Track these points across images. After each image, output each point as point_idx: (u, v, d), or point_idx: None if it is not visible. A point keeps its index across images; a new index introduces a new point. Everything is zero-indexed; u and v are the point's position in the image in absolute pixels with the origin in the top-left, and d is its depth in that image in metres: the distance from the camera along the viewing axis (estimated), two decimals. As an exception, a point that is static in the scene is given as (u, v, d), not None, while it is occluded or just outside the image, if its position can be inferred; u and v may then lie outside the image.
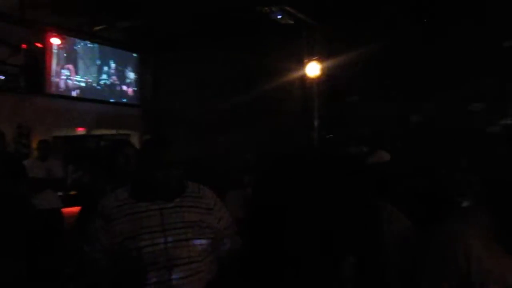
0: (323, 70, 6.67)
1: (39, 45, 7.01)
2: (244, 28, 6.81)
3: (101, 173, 2.92)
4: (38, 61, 7.03)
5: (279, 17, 6.46)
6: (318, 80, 6.72)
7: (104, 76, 8.22)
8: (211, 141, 6.98)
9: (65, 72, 7.49)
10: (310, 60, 6.75)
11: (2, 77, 6.90)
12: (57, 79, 7.35)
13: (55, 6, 6.73)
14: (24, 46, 6.92)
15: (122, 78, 8.57)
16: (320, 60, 6.68)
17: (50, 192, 5.12)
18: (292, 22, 6.52)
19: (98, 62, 8.09)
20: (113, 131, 8.76)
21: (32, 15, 6.59)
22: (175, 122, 7.70)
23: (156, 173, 1.81)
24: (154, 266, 1.73)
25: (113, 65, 8.36)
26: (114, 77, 8.41)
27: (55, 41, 7.12)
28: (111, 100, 8.29)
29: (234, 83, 7.08)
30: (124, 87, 8.64)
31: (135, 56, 8.76)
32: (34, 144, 6.09)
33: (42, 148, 5.43)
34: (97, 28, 7.61)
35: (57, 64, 7.35)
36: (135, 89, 8.79)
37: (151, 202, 1.83)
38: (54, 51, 7.24)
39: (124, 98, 8.59)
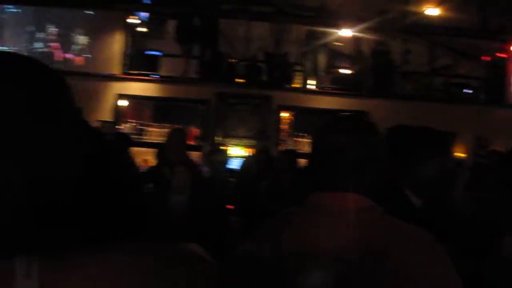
0: None
1: (502, 55, 7.81)
2: None
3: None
4: (501, 72, 7.84)
5: None
6: None
7: None
8: None
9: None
10: None
11: (469, 91, 8.15)
12: (518, 89, 7.86)
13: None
14: (485, 58, 7.95)
15: None
16: None
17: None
18: None
19: None
20: None
21: (495, 26, 7.47)
22: None
23: None
24: None
25: None
26: None
27: (520, 49, 7.63)
28: None
29: None
30: None
31: None
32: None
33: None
34: None
35: (521, 73, 7.85)
36: None
37: None
38: (518, 59, 7.79)
39: None
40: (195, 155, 6.90)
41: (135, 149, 6.83)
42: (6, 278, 0.48)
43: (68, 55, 7.78)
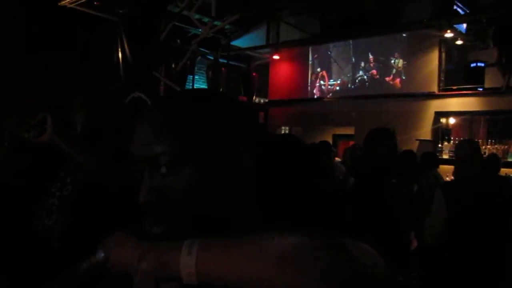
0: None
1: None
2: None
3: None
4: None
5: None
6: None
7: None
8: None
9: None
10: None
11: None
12: None
13: None
14: None
15: None
16: None
17: None
18: None
19: None
20: None
21: None
22: None
23: None
24: None
25: None
26: None
27: None
28: None
29: None
30: None
31: None
32: None
33: None
34: None
35: None
36: None
37: None
38: None
39: None
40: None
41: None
42: (174, 254, 0.64)
43: (387, 79, 8.56)
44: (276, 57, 9.50)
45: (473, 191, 2.88)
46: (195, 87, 9.17)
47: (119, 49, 5.34)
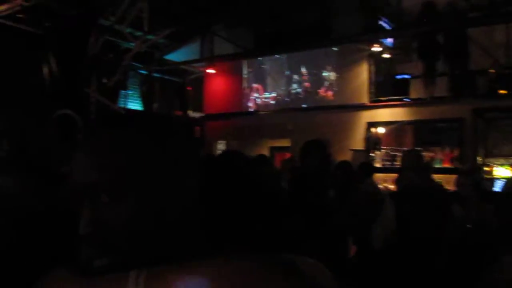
0: None
1: None
2: None
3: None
4: None
5: None
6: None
7: None
8: None
9: None
10: None
11: None
12: None
13: None
14: None
15: None
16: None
17: None
18: None
19: None
20: None
21: None
22: None
23: None
24: None
25: None
26: None
27: None
28: None
29: None
30: None
31: None
32: None
33: None
34: None
35: None
36: None
37: None
38: None
39: None
40: (451, 179, 6.75)
41: (387, 176, 7.18)
42: (121, 285, 0.62)
43: (320, 91, 8.80)
44: (210, 71, 9.48)
45: (419, 199, 2.99)
46: (128, 103, 8.92)
47: (46, 64, 5.10)
